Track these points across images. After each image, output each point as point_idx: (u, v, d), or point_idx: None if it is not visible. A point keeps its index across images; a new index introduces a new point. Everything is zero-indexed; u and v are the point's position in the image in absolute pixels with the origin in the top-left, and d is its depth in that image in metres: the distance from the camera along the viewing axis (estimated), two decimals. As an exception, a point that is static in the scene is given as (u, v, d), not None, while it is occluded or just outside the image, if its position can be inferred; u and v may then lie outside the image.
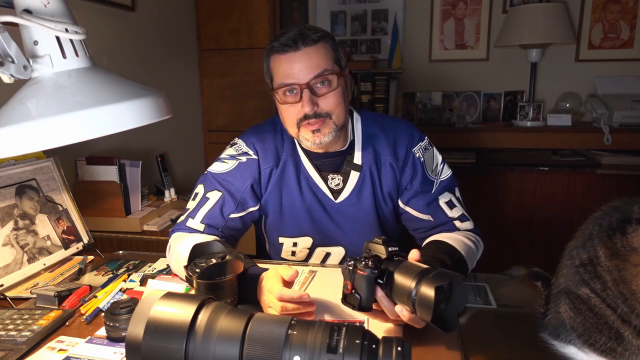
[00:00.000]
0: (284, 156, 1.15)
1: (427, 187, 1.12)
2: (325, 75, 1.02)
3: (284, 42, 1.02)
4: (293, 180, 1.15)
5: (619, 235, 0.68)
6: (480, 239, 1.12)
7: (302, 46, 1.01)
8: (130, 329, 0.57)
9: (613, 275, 0.67)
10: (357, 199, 1.15)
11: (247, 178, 1.13)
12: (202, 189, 1.14)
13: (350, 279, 0.79)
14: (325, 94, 1.03)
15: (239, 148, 1.16)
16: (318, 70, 1.02)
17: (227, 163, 1.15)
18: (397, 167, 1.13)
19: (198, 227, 1.10)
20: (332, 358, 0.54)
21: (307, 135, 1.06)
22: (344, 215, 1.16)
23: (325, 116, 1.04)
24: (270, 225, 1.21)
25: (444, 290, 0.73)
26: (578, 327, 0.71)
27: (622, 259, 0.66)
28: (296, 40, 1.01)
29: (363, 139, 1.15)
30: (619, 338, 0.67)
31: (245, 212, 1.14)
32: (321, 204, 1.16)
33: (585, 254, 0.71)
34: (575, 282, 0.72)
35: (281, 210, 1.17)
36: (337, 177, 1.15)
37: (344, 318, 0.87)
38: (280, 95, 1.05)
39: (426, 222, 1.13)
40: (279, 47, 1.02)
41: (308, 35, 1.02)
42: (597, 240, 0.70)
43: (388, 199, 1.16)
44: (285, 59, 1.02)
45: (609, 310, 0.67)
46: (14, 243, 1.08)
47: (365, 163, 1.14)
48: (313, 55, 1.02)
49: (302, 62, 1.01)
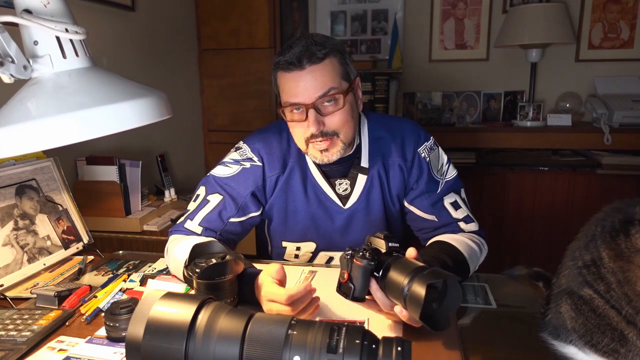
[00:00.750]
0: (290, 162, 1.14)
1: (432, 187, 1.12)
2: (331, 94, 1.00)
3: (288, 59, 0.99)
4: (299, 187, 1.14)
5: (623, 237, 0.67)
6: (484, 242, 1.11)
7: (307, 65, 0.98)
8: (130, 329, 0.57)
9: (617, 277, 0.67)
10: (366, 202, 1.14)
11: (250, 185, 1.12)
12: (204, 191, 1.14)
13: (347, 268, 0.80)
14: (331, 112, 1.01)
15: (244, 153, 1.15)
16: (324, 90, 0.99)
17: (230, 167, 1.14)
18: (406, 168, 1.13)
19: (196, 230, 1.10)
20: (332, 358, 0.54)
21: (316, 154, 1.06)
22: (352, 221, 1.16)
23: (332, 135, 1.03)
24: (274, 230, 1.21)
25: (437, 290, 0.74)
26: (580, 328, 0.71)
27: (626, 260, 0.66)
28: (301, 58, 0.98)
29: (370, 143, 1.14)
30: (623, 339, 0.66)
31: (246, 217, 1.14)
32: (327, 211, 1.15)
33: (588, 255, 0.71)
34: (578, 283, 0.72)
35: (285, 215, 1.16)
36: (345, 182, 1.14)
37: (344, 318, 0.87)
38: (288, 113, 1.04)
39: (430, 223, 1.13)
40: (284, 64, 1.00)
41: (314, 52, 0.98)
42: (601, 242, 0.69)
43: (396, 201, 1.16)
44: (290, 78, 1.00)
45: (613, 311, 0.67)
46: (14, 243, 1.08)
47: (373, 166, 1.13)
48: (319, 74, 0.99)
49: (307, 81, 0.99)
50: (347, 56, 1.06)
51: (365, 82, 2.46)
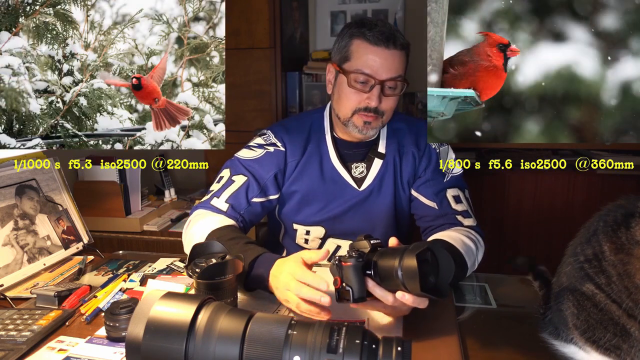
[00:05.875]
0: (310, 148, 1.20)
1: (438, 176, 1.19)
2: (398, 80, 1.09)
3: (378, 35, 1.06)
4: (316, 170, 1.20)
5: (624, 230, 0.67)
6: (481, 239, 1.12)
7: (392, 47, 1.06)
8: (130, 329, 0.57)
9: (618, 270, 0.67)
10: (379, 185, 1.20)
11: (272, 167, 1.18)
12: (228, 173, 1.18)
13: (338, 274, 0.81)
14: (390, 95, 1.10)
15: (268, 138, 1.21)
16: (395, 74, 1.08)
17: (254, 151, 1.20)
18: (418, 156, 1.20)
19: (222, 207, 1.12)
20: (332, 358, 0.54)
21: (359, 123, 1.11)
22: (364, 203, 1.20)
23: (380, 114, 1.10)
24: (286, 212, 1.24)
25: (428, 263, 0.74)
26: (582, 324, 0.71)
27: (626, 252, 0.66)
28: (389, 38, 1.06)
29: (388, 132, 1.22)
30: (625, 334, 0.66)
31: (266, 198, 1.18)
32: (342, 193, 1.20)
33: (590, 250, 0.71)
34: (579, 278, 0.71)
35: (301, 197, 1.21)
36: (361, 165, 1.20)
37: (344, 318, 0.87)
38: (351, 79, 1.08)
39: (431, 210, 1.17)
40: (371, 36, 1.06)
41: (398, 38, 1.08)
42: (602, 235, 0.70)
43: (407, 186, 1.22)
44: (374, 51, 1.06)
45: (614, 305, 0.67)
46: (14, 243, 1.08)
47: (390, 152, 1.20)
48: (397, 58, 1.08)
49: (387, 60, 1.07)
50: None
51: (365, 82, 2.46)
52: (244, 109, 2.61)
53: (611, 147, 2.27)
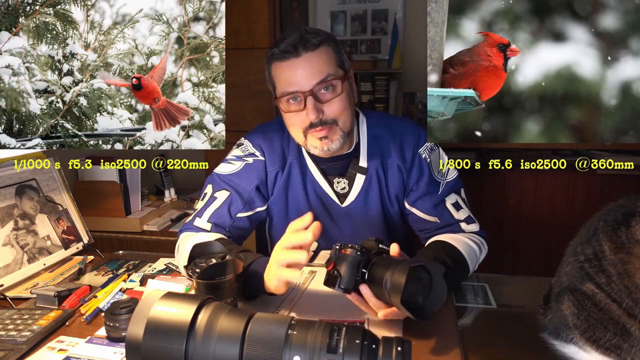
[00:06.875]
0: (289, 159, 1.14)
1: (433, 189, 1.12)
2: (328, 80, 0.99)
3: (283, 48, 0.99)
4: (299, 185, 1.14)
5: (624, 229, 0.67)
6: (484, 242, 1.11)
7: (302, 52, 0.98)
8: (130, 329, 0.57)
9: (618, 269, 0.66)
10: (364, 202, 1.14)
11: (254, 179, 1.13)
12: (211, 189, 1.14)
13: (334, 258, 0.82)
14: (329, 100, 1.00)
15: (245, 149, 1.16)
16: (321, 76, 0.99)
17: (233, 164, 1.15)
18: (405, 168, 1.12)
19: (205, 226, 1.10)
20: (332, 358, 0.54)
21: (315, 143, 1.04)
22: (351, 219, 1.16)
23: (331, 123, 1.02)
24: (276, 228, 1.21)
25: (422, 283, 0.74)
26: (582, 324, 0.71)
27: (626, 252, 0.66)
28: (296, 45, 0.98)
29: (369, 141, 1.13)
30: (626, 334, 0.66)
31: (253, 211, 1.15)
32: (327, 209, 1.15)
33: (590, 249, 0.71)
34: (580, 277, 0.71)
35: (287, 214, 1.17)
36: (343, 181, 1.14)
37: (344, 318, 0.87)
38: (284, 104, 1.03)
39: (432, 224, 1.12)
40: (279, 54, 1.00)
41: (308, 39, 0.98)
42: (603, 235, 0.69)
43: (395, 201, 1.16)
44: (287, 66, 1.00)
45: (615, 304, 0.67)
46: (14, 243, 1.08)
47: (372, 165, 1.12)
48: (315, 60, 0.99)
49: (304, 68, 0.98)
50: (340, 48, 1.06)
51: (365, 82, 2.46)
52: (244, 109, 2.61)
53: (611, 147, 2.27)
